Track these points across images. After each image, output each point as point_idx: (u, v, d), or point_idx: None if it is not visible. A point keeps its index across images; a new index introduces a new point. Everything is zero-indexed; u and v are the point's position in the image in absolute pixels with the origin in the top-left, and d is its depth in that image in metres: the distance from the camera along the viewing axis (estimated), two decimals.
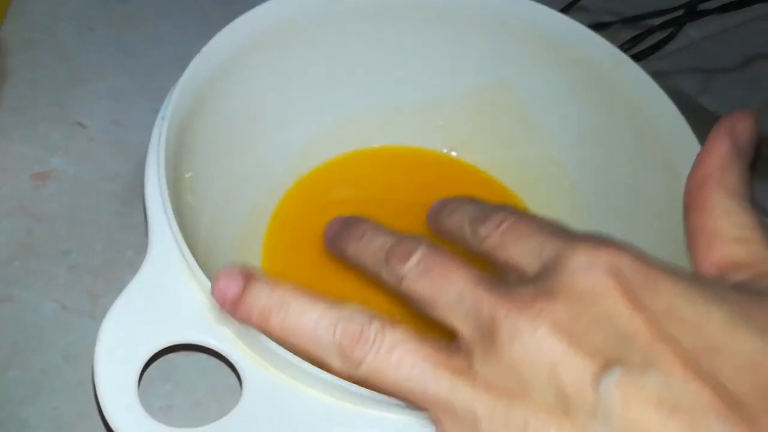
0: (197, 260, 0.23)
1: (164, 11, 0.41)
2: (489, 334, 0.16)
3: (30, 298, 0.30)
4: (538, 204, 0.33)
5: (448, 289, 0.18)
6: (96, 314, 0.30)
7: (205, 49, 0.27)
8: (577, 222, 0.32)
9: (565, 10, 0.38)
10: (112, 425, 0.21)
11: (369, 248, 0.21)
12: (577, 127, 0.32)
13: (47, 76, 0.37)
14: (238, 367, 0.22)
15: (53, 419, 0.27)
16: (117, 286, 0.30)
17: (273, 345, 0.21)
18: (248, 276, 0.19)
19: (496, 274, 0.19)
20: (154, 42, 0.39)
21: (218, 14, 0.41)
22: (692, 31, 0.44)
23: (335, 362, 0.18)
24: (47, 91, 0.36)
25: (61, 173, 0.33)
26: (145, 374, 0.24)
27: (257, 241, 0.31)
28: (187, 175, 0.26)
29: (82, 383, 0.28)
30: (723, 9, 0.37)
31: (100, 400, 0.21)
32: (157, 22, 0.40)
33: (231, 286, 0.19)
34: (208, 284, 0.22)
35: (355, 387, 0.20)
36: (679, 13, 0.38)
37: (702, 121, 0.35)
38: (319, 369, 0.20)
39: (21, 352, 0.28)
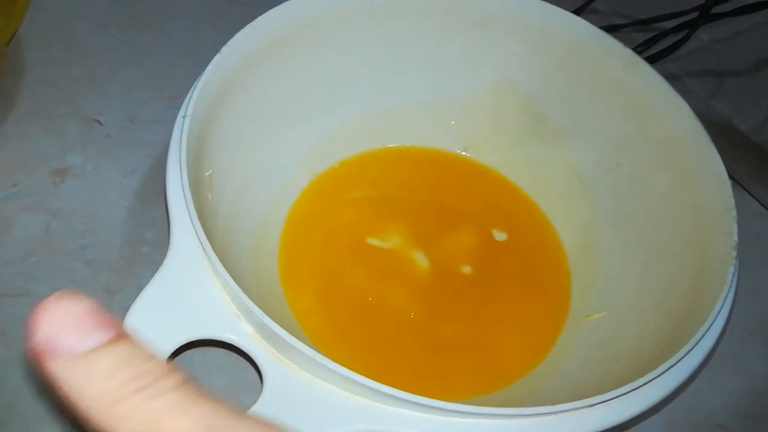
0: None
1: (178, 9, 0.41)
2: None
3: (47, 293, 0.29)
4: (550, 204, 0.34)
5: None
6: (113, 310, 0.30)
7: (225, 48, 0.27)
8: (590, 222, 0.32)
9: (577, 12, 0.38)
10: None
11: None
12: (590, 129, 0.32)
13: (63, 73, 0.37)
14: (258, 363, 0.22)
15: None
16: (134, 282, 0.31)
17: (294, 341, 0.21)
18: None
19: None
20: (169, 39, 0.40)
21: (231, 12, 0.42)
22: (703, 35, 0.44)
23: None
24: (63, 89, 0.36)
25: (78, 170, 0.34)
26: None
27: (273, 238, 0.31)
28: (206, 174, 0.26)
29: None
30: (737, 12, 0.37)
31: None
32: (171, 20, 0.40)
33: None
34: (230, 281, 0.22)
35: (376, 384, 0.20)
36: (693, 16, 0.38)
37: (713, 123, 0.35)
38: (341, 366, 0.21)
39: None
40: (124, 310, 0.29)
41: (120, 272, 0.31)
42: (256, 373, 0.24)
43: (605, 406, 0.21)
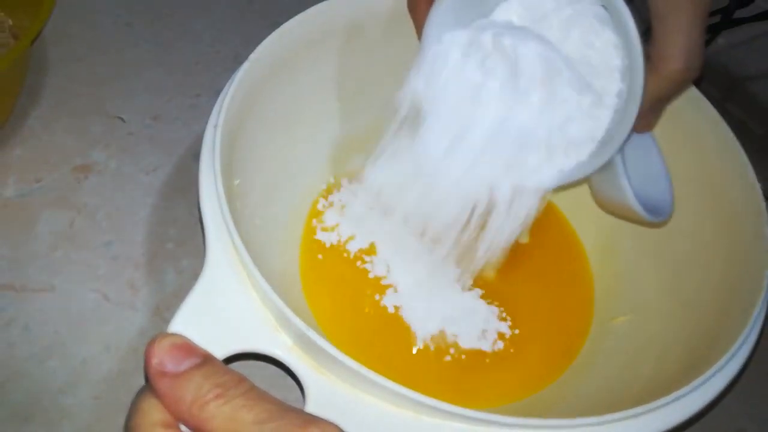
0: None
1: (200, 7, 0.41)
2: None
3: (71, 288, 0.30)
4: (571, 206, 0.34)
5: None
6: (136, 305, 0.30)
7: (252, 56, 0.27)
8: (611, 225, 0.32)
9: None
10: None
11: None
12: None
13: (86, 70, 0.37)
14: (300, 376, 0.22)
15: (94, 409, 0.27)
16: (157, 279, 0.31)
17: (337, 353, 0.21)
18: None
19: None
20: (191, 37, 0.40)
21: (253, 10, 0.42)
22: (720, 38, 0.44)
23: None
24: (86, 86, 0.37)
25: (101, 167, 0.34)
26: None
27: (296, 244, 0.31)
28: (236, 183, 0.26)
29: (123, 373, 0.28)
30: (759, 17, 0.37)
31: None
32: (193, 18, 0.41)
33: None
34: (274, 295, 0.22)
35: (421, 396, 0.20)
36: (715, 19, 0.38)
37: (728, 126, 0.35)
38: (385, 378, 0.20)
39: (62, 342, 0.29)
40: (147, 306, 0.30)
41: (143, 268, 0.31)
42: (294, 383, 0.24)
43: (643, 418, 0.21)
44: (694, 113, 0.29)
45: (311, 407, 0.22)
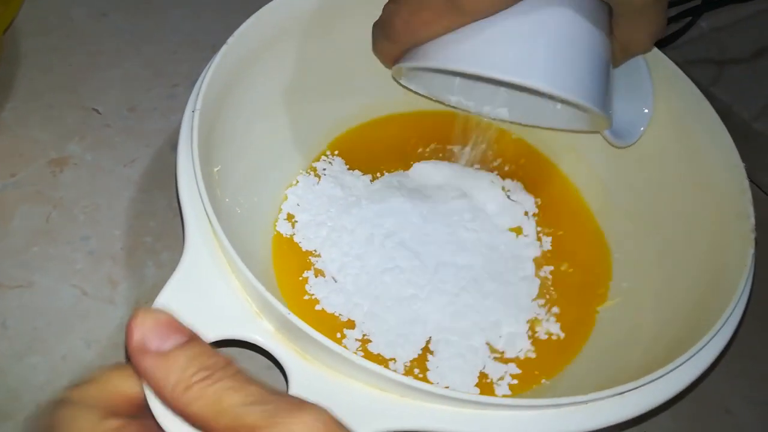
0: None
1: None
2: None
3: (49, 284, 0.30)
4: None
5: None
6: (116, 300, 0.30)
7: (231, 39, 0.27)
8: (602, 210, 0.32)
9: None
10: (162, 425, 0.20)
11: None
12: None
13: (61, 61, 0.36)
14: (282, 362, 0.22)
15: None
16: (136, 273, 0.30)
17: (320, 337, 0.20)
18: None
19: None
20: (168, 28, 0.39)
21: (231, 1, 0.41)
22: (703, 23, 0.44)
23: None
24: (62, 77, 0.36)
25: (78, 159, 0.33)
26: None
27: (270, 231, 0.30)
28: (215, 169, 0.26)
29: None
30: None
31: (150, 403, 0.20)
32: (170, 9, 0.40)
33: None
34: (254, 280, 0.21)
35: (404, 378, 0.20)
36: (695, 3, 0.38)
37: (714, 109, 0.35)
38: (369, 361, 0.20)
39: (42, 338, 0.28)
40: (127, 300, 0.30)
41: (122, 263, 0.31)
42: (281, 376, 0.23)
43: (632, 395, 0.22)
44: (680, 97, 0.29)
45: (294, 393, 0.21)
